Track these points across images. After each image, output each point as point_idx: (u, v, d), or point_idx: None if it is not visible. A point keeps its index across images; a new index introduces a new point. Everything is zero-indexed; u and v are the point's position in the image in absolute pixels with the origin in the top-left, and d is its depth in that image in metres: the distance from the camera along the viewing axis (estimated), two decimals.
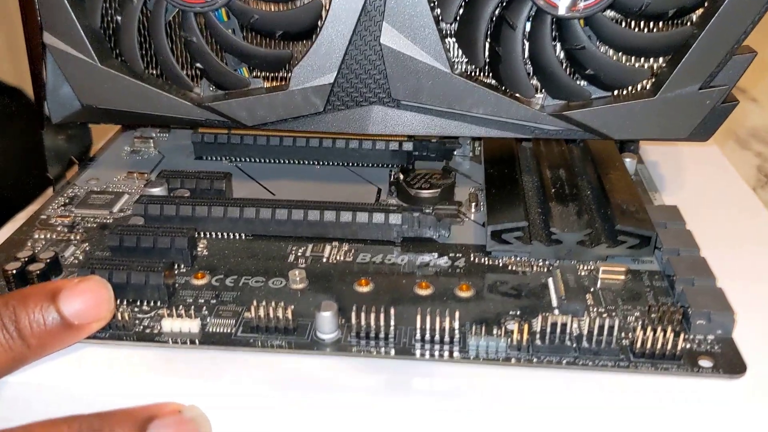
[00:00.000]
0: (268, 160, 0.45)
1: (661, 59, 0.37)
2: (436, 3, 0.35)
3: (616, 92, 0.37)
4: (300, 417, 0.29)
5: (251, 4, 0.37)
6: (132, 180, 0.43)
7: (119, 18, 0.38)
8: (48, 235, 0.37)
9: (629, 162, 0.43)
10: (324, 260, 0.36)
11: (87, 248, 0.36)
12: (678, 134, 0.37)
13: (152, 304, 0.32)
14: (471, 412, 0.28)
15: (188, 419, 0.28)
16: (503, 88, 0.37)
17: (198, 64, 0.38)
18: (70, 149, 0.44)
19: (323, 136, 0.44)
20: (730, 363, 0.29)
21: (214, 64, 0.38)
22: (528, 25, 0.35)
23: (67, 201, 0.41)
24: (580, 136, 0.37)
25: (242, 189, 0.42)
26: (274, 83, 0.39)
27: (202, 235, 0.37)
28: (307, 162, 0.45)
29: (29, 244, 0.37)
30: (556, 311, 0.31)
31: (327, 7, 0.35)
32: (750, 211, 0.41)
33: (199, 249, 0.36)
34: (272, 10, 0.37)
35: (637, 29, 0.36)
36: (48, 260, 0.34)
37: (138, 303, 0.32)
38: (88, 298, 0.29)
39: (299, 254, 0.36)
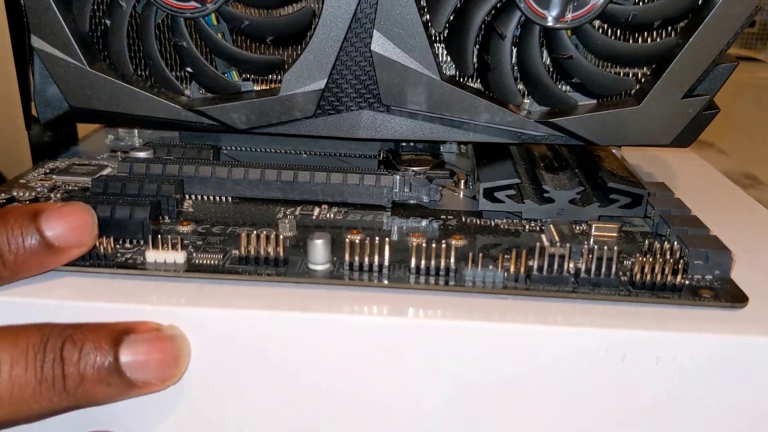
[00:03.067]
0: (254, 149, 0.45)
1: (645, 68, 0.38)
2: (425, 10, 0.36)
3: (601, 100, 0.38)
4: (289, 341, 0.27)
5: (241, 9, 0.37)
6: (115, 158, 0.42)
7: (108, 21, 0.38)
8: (28, 194, 0.36)
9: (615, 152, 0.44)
10: (313, 218, 0.35)
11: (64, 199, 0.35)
12: (661, 141, 0.37)
13: (135, 242, 0.31)
14: (467, 337, 0.27)
15: (167, 337, 0.26)
16: (491, 94, 0.38)
17: (188, 68, 0.38)
18: (56, 147, 0.43)
19: None
20: (732, 295, 0.28)
21: (205, 69, 0.38)
22: (516, 34, 0.36)
23: (47, 171, 0.40)
24: (566, 141, 0.37)
25: None
26: (264, 86, 0.40)
27: (188, 197, 0.36)
28: (294, 151, 0.45)
29: (4, 195, 0.35)
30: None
31: (318, 14, 0.36)
32: (729, 192, 0.43)
33: (185, 207, 0.35)
34: (263, 15, 0.38)
35: (623, 39, 0.37)
36: (27, 202, 0.32)
37: (121, 241, 0.31)
38: (71, 221, 0.28)
39: (287, 213, 0.35)
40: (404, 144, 0.45)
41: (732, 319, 0.27)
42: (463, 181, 0.40)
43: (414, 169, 0.40)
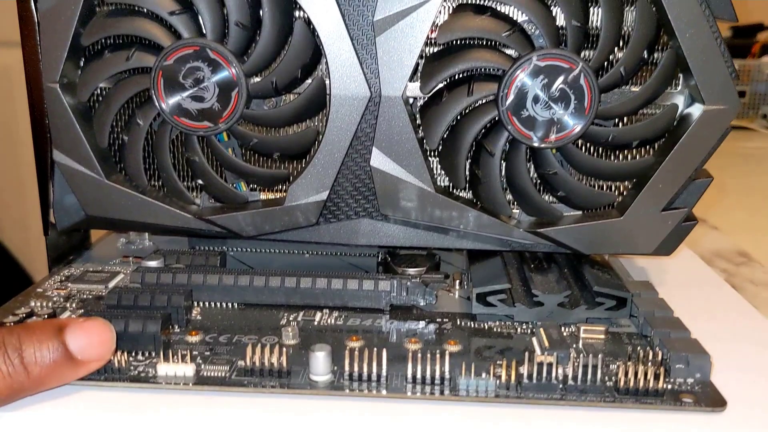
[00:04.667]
0: (259, 250, 0.47)
1: (627, 182, 0.40)
2: (420, 128, 0.39)
3: (585, 211, 0.40)
4: None
5: (250, 128, 0.40)
6: (127, 264, 0.45)
7: (125, 137, 0.41)
8: (44, 303, 0.38)
9: None
10: (315, 323, 0.37)
11: (82, 312, 0.37)
12: (643, 250, 0.40)
13: (148, 354, 0.33)
14: None
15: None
16: (482, 205, 0.40)
17: (199, 180, 0.41)
18: (71, 250, 0.46)
19: None
20: (711, 399, 0.30)
21: (215, 182, 0.41)
22: (506, 149, 0.39)
23: (63, 278, 0.42)
24: (553, 249, 0.40)
25: None
26: (271, 195, 0.42)
27: (196, 304, 0.38)
28: (297, 251, 0.47)
29: (24, 309, 0.37)
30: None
31: (322, 133, 0.39)
32: (715, 287, 0.45)
33: (193, 314, 0.37)
34: (271, 133, 0.41)
35: (604, 157, 0.40)
36: (45, 316, 0.34)
37: (134, 353, 0.33)
38: (92, 335, 0.30)
39: (291, 319, 0.37)
40: None
41: (712, 422, 0.29)
42: (458, 282, 0.42)
43: (410, 271, 0.42)
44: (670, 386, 0.31)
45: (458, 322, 0.37)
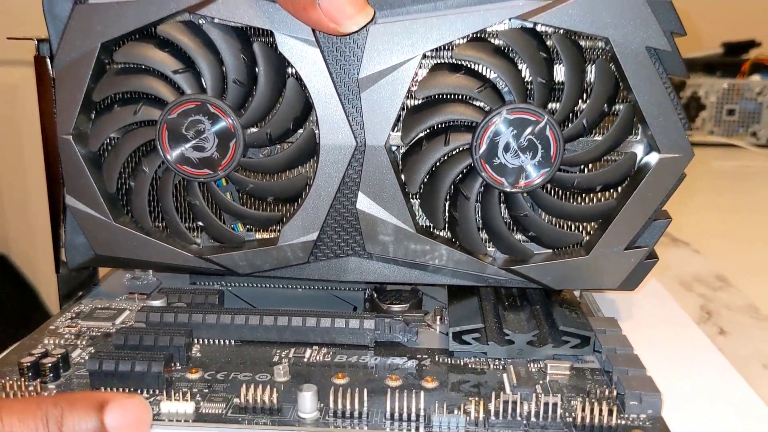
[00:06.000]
0: (255, 285, 0.51)
1: (592, 223, 0.44)
2: (402, 174, 0.42)
3: (555, 250, 0.44)
4: None
5: (246, 174, 0.44)
6: (133, 300, 0.48)
7: (132, 183, 0.44)
8: (56, 341, 0.41)
9: None
10: (305, 360, 0.40)
11: (92, 351, 0.40)
12: (608, 285, 0.43)
13: (152, 392, 0.36)
14: None
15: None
16: (459, 243, 0.43)
17: (199, 222, 0.45)
18: (80, 286, 0.49)
19: None
20: None
21: (214, 224, 0.44)
22: (481, 191, 0.42)
23: (73, 315, 0.45)
24: (525, 285, 0.43)
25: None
26: (265, 235, 0.46)
27: (196, 341, 0.42)
28: (290, 286, 0.50)
29: (40, 347, 0.41)
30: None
31: (312, 178, 0.42)
32: (680, 323, 0.48)
33: (193, 351, 0.41)
34: (266, 179, 0.44)
35: (571, 200, 0.44)
36: (59, 356, 0.38)
37: (139, 391, 0.36)
38: (130, 415, 0.30)
39: (283, 356, 0.40)
40: None
41: None
42: (438, 318, 0.45)
43: (395, 308, 0.45)
44: (623, 422, 0.34)
45: (436, 358, 0.40)
